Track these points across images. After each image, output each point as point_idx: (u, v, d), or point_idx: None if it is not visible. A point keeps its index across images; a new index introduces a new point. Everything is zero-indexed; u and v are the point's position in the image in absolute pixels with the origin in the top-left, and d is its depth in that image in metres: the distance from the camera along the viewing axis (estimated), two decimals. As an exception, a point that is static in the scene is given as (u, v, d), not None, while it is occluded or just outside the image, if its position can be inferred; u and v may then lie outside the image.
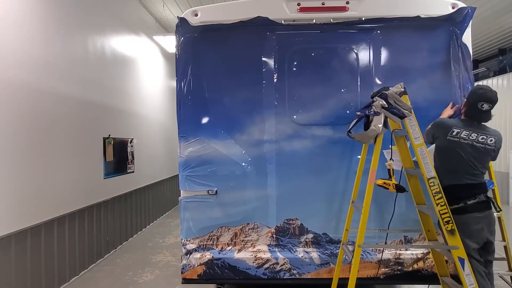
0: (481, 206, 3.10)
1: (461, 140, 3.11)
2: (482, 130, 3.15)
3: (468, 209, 3.09)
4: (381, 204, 3.64)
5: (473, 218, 3.09)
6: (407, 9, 3.63)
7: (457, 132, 3.11)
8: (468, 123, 3.18)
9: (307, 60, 3.74)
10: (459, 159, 3.11)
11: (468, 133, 3.10)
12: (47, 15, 4.75)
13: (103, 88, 6.20)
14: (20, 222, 4.18)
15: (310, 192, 3.63)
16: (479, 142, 3.11)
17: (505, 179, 10.35)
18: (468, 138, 3.10)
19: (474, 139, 3.11)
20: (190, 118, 3.66)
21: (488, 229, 3.13)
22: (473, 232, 3.09)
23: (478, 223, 3.10)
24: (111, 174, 6.43)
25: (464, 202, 3.09)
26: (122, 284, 5.12)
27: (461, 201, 3.09)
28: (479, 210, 3.09)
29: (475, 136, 3.11)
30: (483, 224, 3.11)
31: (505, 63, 11.22)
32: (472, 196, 3.09)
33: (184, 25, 3.66)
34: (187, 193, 3.76)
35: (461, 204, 3.10)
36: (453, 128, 3.13)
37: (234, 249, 3.74)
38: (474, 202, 3.09)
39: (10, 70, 4.07)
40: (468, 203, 3.08)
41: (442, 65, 3.65)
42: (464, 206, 3.09)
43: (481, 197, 3.10)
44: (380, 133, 2.97)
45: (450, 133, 3.13)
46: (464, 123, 3.18)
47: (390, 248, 3.62)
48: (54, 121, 4.80)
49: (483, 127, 3.19)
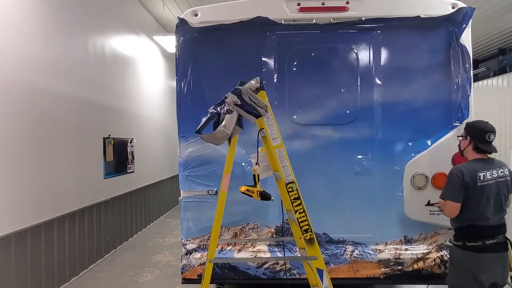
0: (499, 247, 2.94)
1: (489, 182, 2.92)
2: (496, 165, 3.00)
3: (485, 248, 2.91)
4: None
5: (487, 257, 2.93)
6: (407, 9, 3.63)
7: (483, 176, 2.92)
8: (482, 161, 3.00)
9: (307, 60, 3.74)
10: (488, 201, 2.93)
11: (490, 172, 2.94)
12: (47, 15, 4.75)
13: (103, 88, 6.20)
14: (20, 222, 4.17)
15: (310, 192, 3.62)
16: (500, 177, 2.97)
17: (505, 179, 10.34)
18: (493, 177, 2.94)
19: (496, 176, 2.95)
20: (190, 118, 3.65)
21: (500, 271, 2.96)
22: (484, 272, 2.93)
23: (491, 263, 2.93)
24: (111, 174, 6.43)
25: (483, 241, 2.92)
26: (122, 284, 5.12)
27: (480, 240, 2.93)
28: (495, 251, 2.93)
29: (496, 173, 2.95)
30: (496, 265, 2.94)
31: (505, 63, 11.21)
32: (491, 237, 2.93)
33: (184, 25, 3.66)
34: (187, 193, 3.76)
35: (479, 243, 2.93)
36: (479, 173, 2.92)
37: (234, 249, 3.74)
38: (493, 242, 2.92)
39: (10, 70, 4.07)
40: (487, 242, 2.91)
41: (442, 65, 3.65)
42: (482, 245, 2.91)
43: (500, 238, 2.95)
44: (233, 133, 2.69)
45: (479, 179, 2.90)
46: (482, 164, 2.97)
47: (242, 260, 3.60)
48: (54, 121, 4.80)
49: (496, 162, 3.04)
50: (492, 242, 2.92)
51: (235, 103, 2.66)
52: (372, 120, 3.67)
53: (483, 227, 2.94)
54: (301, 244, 2.91)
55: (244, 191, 2.80)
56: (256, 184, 2.82)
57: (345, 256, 3.66)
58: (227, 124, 2.64)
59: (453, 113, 3.60)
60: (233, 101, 2.66)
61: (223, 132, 2.63)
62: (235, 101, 2.66)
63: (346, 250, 3.69)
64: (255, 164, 2.87)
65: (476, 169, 2.93)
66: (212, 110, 2.75)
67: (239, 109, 2.67)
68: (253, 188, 2.80)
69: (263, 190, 2.80)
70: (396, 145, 3.68)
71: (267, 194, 2.79)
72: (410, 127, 3.66)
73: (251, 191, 2.79)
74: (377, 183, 3.66)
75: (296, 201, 2.81)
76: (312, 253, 2.82)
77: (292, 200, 2.82)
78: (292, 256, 3.59)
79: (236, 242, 3.75)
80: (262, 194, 2.78)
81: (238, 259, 3.66)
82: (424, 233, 3.68)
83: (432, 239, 3.66)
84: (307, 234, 2.81)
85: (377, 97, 3.67)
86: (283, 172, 2.81)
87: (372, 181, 3.66)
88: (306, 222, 2.81)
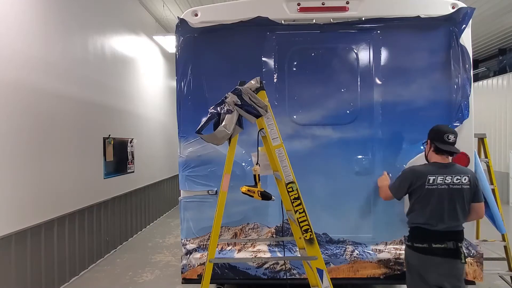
0: (447, 252, 2.89)
1: (438, 186, 2.90)
2: (455, 171, 2.95)
3: (433, 251, 2.89)
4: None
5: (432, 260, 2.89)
6: (407, 9, 3.63)
7: (433, 179, 2.91)
8: (438, 165, 2.99)
9: (307, 60, 3.74)
10: (438, 206, 2.91)
11: (443, 178, 2.90)
12: (47, 15, 4.75)
13: (103, 88, 6.20)
14: (20, 222, 4.18)
15: (310, 192, 3.63)
16: (455, 184, 2.91)
17: (505, 179, 10.35)
18: (444, 182, 2.90)
19: (449, 182, 2.90)
20: (190, 118, 3.65)
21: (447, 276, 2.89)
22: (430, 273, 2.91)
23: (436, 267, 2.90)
24: (111, 174, 6.43)
25: (429, 244, 2.91)
26: (122, 284, 5.12)
27: (426, 242, 2.92)
28: (443, 256, 2.88)
29: (450, 179, 2.91)
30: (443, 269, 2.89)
31: (505, 63, 11.22)
32: (439, 241, 2.90)
33: (184, 25, 3.66)
34: (187, 193, 3.76)
35: (425, 245, 2.92)
36: (428, 175, 2.92)
37: (234, 249, 3.74)
38: (440, 247, 2.89)
39: (10, 70, 4.08)
40: (433, 246, 2.89)
41: (442, 65, 3.65)
42: (429, 248, 2.91)
43: (450, 244, 2.89)
44: (233, 133, 2.68)
45: (427, 182, 2.91)
46: (436, 167, 2.97)
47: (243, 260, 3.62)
48: (54, 121, 4.80)
49: (454, 168, 2.99)
50: (440, 246, 2.89)
51: (235, 103, 2.65)
52: (372, 120, 3.68)
53: (428, 231, 2.94)
54: (301, 244, 2.91)
55: (245, 191, 2.80)
56: (257, 184, 2.82)
57: (345, 256, 3.66)
58: (227, 124, 2.62)
59: (453, 113, 3.61)
60: (233, 101, 2.65)
61: (223, 132, 2.62)
62: (235, 101, 2.65)
63: (346, 250, 3.69)
64: (255, 163, 2.88)
65: (427, 171, 2.94)
66: (212, 110, 2.74)
67: (239, 109, 2.67)
68: (254, 188, 2.80)
69: (264, 190, 2.80)
70: (396, 145, 3.69)
71: (268, 194, 2.79)
72: (410, 127, 3.66)
73: (252, 191, 2.79)
74: (377, 183, 3.66)
75: (296, 201, 2.81)
76: (312, 253, 2.82)
77: (292, 200, 2.81)
78: (292, 256, 3.59)
79: (236, 242, 3.75)
80: (263, 194, 2.78)
81: (238, 259, 3.66)
82: (424, 233, 3.68)
83: (432, 239, 3.66)
84: (307, 234, 2.81)
85: (377, 97, 3.68)
86: (283, 172, 2.81)
87: (372, 181, 3.66)
88: (306, 222, 2.81)
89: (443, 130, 3.02)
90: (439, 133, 3.00)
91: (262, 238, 3.72)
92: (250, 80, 2.78)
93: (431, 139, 3.06)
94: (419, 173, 2.96)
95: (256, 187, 2.81)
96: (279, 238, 3.61)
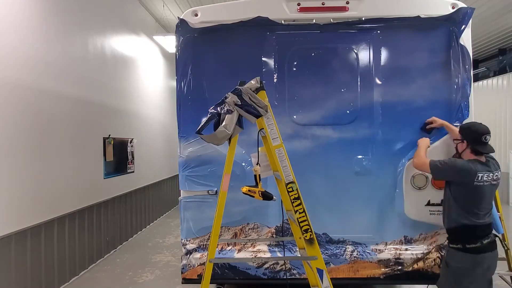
0: (493, 245, 3.03)
1: (485, 183, 2.98)
2: (493, 167, 3.05)
3: (485, 248, 2.99)
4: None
5: (486, 257, 3.00)
6: (407, 9, 3.63)
7: (481, 176, 2.96)
8: (481, 163, 3.04)
9: (307, 60, 3.74)
10: (483, 201, 3.00)
11: (487, 175, 2.99)
12: (47, 15, 4.75)
13: (103, 88, 6.21)
14: (20, 222, 4.18)
15: (310, 192, 3.62)
16: (494, 180, 3.03)
17: (505, 179, 10.36)
18: (488, 179, 2.99)
19: (491, 179, 3.00)
20: (190, 118, 3.65)
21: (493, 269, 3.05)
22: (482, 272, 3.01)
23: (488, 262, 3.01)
24: (111, 174, 6.43)
25: (481, 242, 2.99)
26: (122, 284, 5.12)
27: (479, 240, 2.99)
28: (491, 250, 3.01)
29: (491, 176, 3.01)
30: (491, 263, 3.03)
31: (505, 63, 11.23)
32: (486, 236, 3.01)
33: (184, 25, 3.66)
34: (187, 193, 3.75)
35: (478, 244, 2.99)
36: (478, 173, 2.96)
37: (234, 249, 3.74)
38: (488, 241, 3.00)
39: (10, 70, 4.08)
40: (484, 242, 2.98)
41: (442, 65, 3.65)
42: (482, 246, 2.98)
43: (492, 236, 3.04)
44: (233, 133, 2.68)
45: (477, 179, 2.96)
46: (481, 165, 3.02)
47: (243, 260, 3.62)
48: (54, 121, 4.80)
49: (492, 164, 3.08)
50: (488, 241, 3.00)
51: (235, 103, 2.65)
52: (372, 120, 3.67)
53: (475, 227, 2.99)
54: (301, 244, 2.90)
55: (246, 191, 2.80)
56: (258, 184, 2.82)
57: (345, 256, 3.66)
58: (228, 124, 2.62)
59: (453, 113, 3.61)
60: (233, 101, 2.65)
61: (224, 132, 2.62)
62: (235, 101, 2.65)
63: (346, 250, 3.69)
64: (255, 164, 2.87)
65: (476, 169, 2.98)
66: (212, 110, 2.74)
67: (239, 109, 2.66)
68: (255, 189, 2.80)
69: (265, 190, 2.80)
70: (396, 145, 3.68)
71: (269, 194, 2.79)
72: (410, 127, 3.66)
73: (253, 191, 2.79)
74: (377, 183, 3.66)
75: (296, 201, 2.80)
76: (312, 253, 2.81)
77: (292, 200, 2.81)
78: (292, 256, 3.59)
79: (236, 242, 3.75)
80: (264, 194, 2.78)
81: (238, 259, 3.66)
82: (424, 233, 3.68)
83: (432, 239, 3.67)
84: (307, 234, 2.80)
85: (377, 97, 3.67)
86: (283, 172, 2.80)
87: (372, 181, 3.66)
88: (306, 222, 2.81)
89: (480, 131, 3.02)
90: (478, 134, 3.01)
91: (262, 238, 3.72)
92: (250, 80, 2.78)
93: (469, 140, 3.06)
94: (471, 170, 2.97)
95: (257, 187, 2.81)
96: (279, 238, 3.61)
